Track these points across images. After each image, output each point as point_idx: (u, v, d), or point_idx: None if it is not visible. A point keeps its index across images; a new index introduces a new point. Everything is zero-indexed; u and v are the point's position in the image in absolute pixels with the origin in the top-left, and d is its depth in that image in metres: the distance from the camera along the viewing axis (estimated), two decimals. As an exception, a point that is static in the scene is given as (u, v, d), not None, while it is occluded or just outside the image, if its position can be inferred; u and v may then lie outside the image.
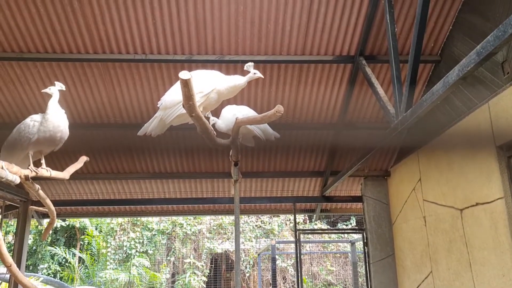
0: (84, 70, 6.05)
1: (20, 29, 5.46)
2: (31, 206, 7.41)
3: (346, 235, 13.17)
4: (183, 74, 2.70)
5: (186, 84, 2.72)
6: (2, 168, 3.59)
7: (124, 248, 15.75)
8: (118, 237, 16.13)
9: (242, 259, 15.74)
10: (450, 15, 5.55)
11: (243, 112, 4.21)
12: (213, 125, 4.48)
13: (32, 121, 3.89)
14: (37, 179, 4.03)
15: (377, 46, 5.89)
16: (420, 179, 6.41)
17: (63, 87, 4.03)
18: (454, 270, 5.39)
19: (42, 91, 3.94)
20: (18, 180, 3.75)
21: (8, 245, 13.41)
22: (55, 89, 3.97)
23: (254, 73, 3.58)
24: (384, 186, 7.72)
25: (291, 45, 5.87)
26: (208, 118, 3.96)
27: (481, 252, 4.79)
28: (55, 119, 3.85)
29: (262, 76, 3.61)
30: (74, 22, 5.42)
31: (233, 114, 4.10)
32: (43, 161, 4.08)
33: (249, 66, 3.67)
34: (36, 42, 5.64)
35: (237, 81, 3.59)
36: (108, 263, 15.63)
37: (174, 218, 15.91)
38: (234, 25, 5.59)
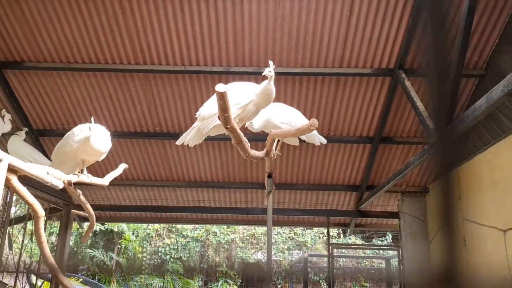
0: (126, 80, 6.28)
1: (68, 40, 5.75)
2: (72, 210, 7.71)
3: (381, 251, 12.83)
4: (219, 87, 2.74)
5: (222, 97, 2.77)
6: (48, 173, 3.77)
7: (159, 254, 16.03)
8: (154, 243, 16.45)
9: (274, 270, 15.64)
10: (497, 27, 5.35)
11: (279, 112, 4.17)
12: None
13: (78, 130, 4.05)
14: (78, 184, 4.20)
15: (418, 59, 5.75)
16: (460, 196, 6.16)
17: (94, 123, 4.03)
18: (497, 294, 5.12)
19: (85, 136, 3.89)
20: (61, 185, 3.92)
21: (51, 245, 13.97)
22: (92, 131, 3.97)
23: (269, 71, 3.43)
24: (422, 202, 7.47)
25: (329, 58, 5.84)
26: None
27: (526, 277, 4.54)
28: (96, 144, 3.97)
29: (272, 74, 3.40)
30: (117, 34, 5.65)
31: (265, 115, 4.07)
32: (84, 168, 4.25)
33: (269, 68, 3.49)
34: (82, 53, 5.91)
35: (262, 85, 3.47)
36: (143, 267, 15.94)
37: (208, 226, 16.06)
38: (271, 37, 5.63)
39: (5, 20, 5.56)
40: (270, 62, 3.42)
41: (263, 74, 3.36)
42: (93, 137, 3.94)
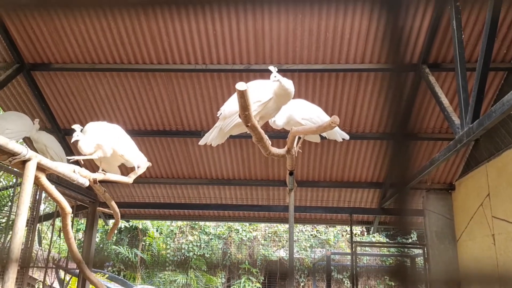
0: (148, 79, 6.37)
1: (93, 42, 5.88)
2: (98, 208, 7.88)
3: (406, 249, 12.62)
4: (240, 85, 2.76)
5: (242, 95, 2.78)
6: (74, 171, 3.87)
7: (183, 251, 16.23)
8: (177, 240, 16.66)
9: (296, 268, 15.61)
10: (526, 19, 5.18)
11: (300, 109, 4.16)
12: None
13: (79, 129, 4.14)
14: (103, 182, 4.29)
15: (442, 53, 5.63)
16: (488, 194, 6.01)
17: (80, 127, 4.16)
18: (526, 294, 4.98)
19: (72, 141, 4.09)
20: (87, 183, 4.03)
21: (78, 242, 14.33)
22: (80, 133, 4.10)
23: (274, 76, 3.39)
24: (448, 200, 7.32)
25: (350, 53, 5.78)
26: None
27: (558, 277, 4.39)
28: (83, 148, 4.07)
29: (277, 80, 3.37)
30: (140, 34, 5.74)
31: (286, 111, 4.06)
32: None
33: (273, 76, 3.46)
34: (106, 54, 6.03)
35: (275, 85, 3.41)
36: (167, 264, 16.18)
37: (230, 223, 16.16)
38: (292, 34, 5.61)
39: (33, 23, 5.73)
40: (271, 68, 3.40)
41: (271, 81, 3.34)
42: (80, 142, 4.04)
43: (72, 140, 4.09)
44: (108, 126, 4.41)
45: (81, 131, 4.15)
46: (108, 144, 4.20)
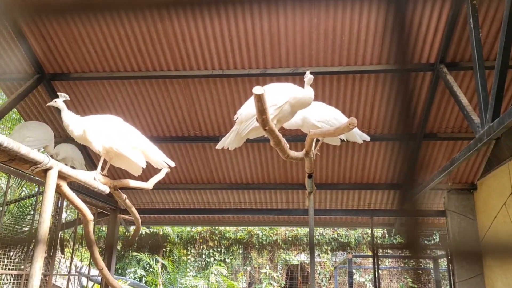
0: (166, 86, 6.46)
1: (110, 50, 5.99)
2: (119, 215, 7.98)
3: (428, 250, 12.39)
4: (257, 89, 2.78)
5: (259, 99, 2.80)
6: (95, 179, 3.95)
7: (203, 256, 16.29)
8: (198, 245, 16.73)
9: (318, 271, 15.51)
10: (545, 14, 5.06)
11: (316, 111, 4.17)
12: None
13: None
14: (123, 189, 4.36)
15: (460, 52, 5.55)
16: (512, 193, 5.87)
17: (67, 97, 4.17)
18: (556, 296, 4.83)
19: (47, 105, 4.24)
20: (108, 190, 4.10)
21: (100, 249, 14.53)
22: (60, 101, 4.12)
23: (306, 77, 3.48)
24: (470, 200, 7.17)
25: (367, 55, 5.75)
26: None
27: None
28: (73, 129, 4.10)
29: (312, 76, 3.49)
30: (157, 41, 5.83)
31: (302, 113, 4.06)
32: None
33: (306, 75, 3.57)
34: (124, 62, 6.14)
35: (300, 93, 3.49)
36: (188, 270, 16.26)
37: (250, 228, 16.16)
38: (307, 37, 5.61)
39: (53, 34, 5.88)
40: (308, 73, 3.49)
41: (307, 82, 3.40)
42: (64, 112, 4.16)
43: (48, 104, 4.18)
44: (101, 117, 4.21)
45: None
46: (94, 133, 3.99)
